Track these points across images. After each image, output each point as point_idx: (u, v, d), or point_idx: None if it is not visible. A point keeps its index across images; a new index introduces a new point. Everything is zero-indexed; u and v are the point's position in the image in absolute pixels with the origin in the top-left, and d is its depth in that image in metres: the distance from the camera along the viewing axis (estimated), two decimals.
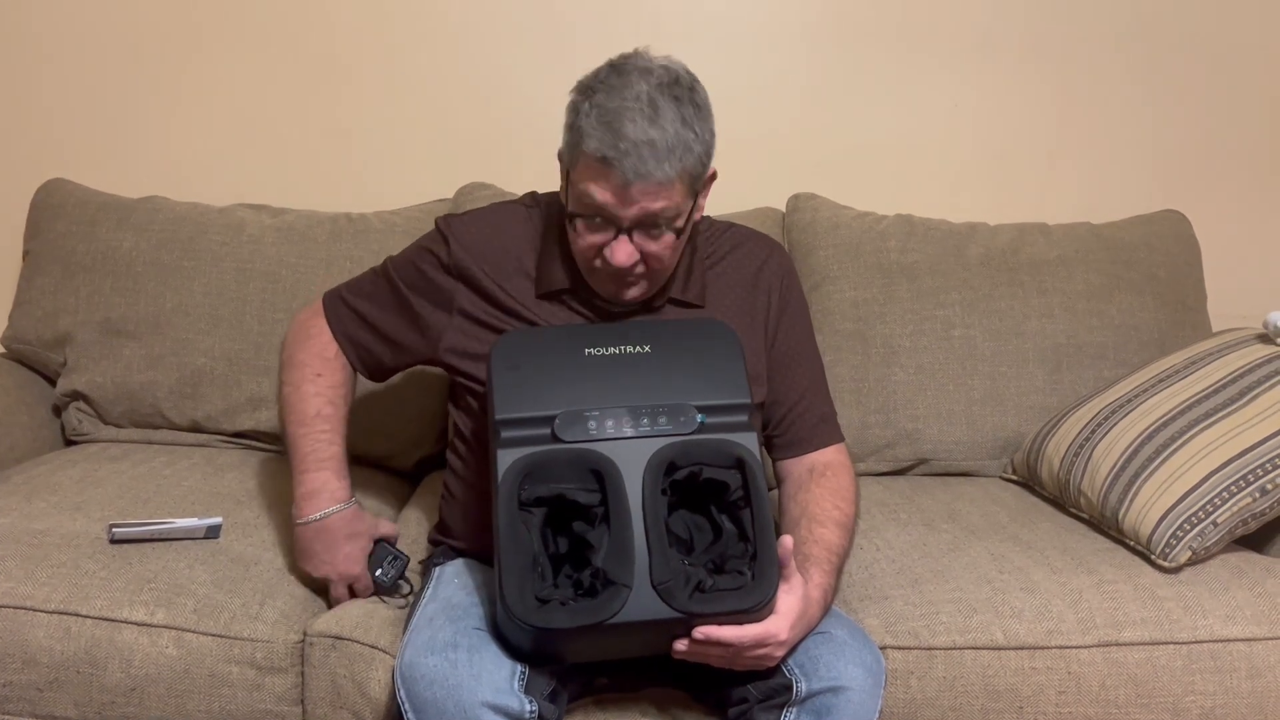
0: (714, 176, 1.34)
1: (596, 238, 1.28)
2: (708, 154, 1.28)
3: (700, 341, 1.26)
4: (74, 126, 2.16)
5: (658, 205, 1.24)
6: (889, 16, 2.15)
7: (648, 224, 1.25)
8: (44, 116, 2.15)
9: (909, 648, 1.36)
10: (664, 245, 1.28)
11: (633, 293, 1.33)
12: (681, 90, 1.24)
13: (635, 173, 1.21)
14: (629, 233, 1.25)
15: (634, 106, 1.21)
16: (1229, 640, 1.38)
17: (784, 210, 2.07)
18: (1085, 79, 2.19)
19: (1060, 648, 1.37)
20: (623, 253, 1.26)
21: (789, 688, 1.16)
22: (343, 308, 1.47)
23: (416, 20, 2.13)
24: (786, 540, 1.16)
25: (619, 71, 1.25)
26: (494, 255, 1.39)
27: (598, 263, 1.30)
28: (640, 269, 1.30)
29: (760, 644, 1.13)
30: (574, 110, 1.26)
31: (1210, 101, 2.20)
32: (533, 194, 1.47)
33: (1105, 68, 2.18)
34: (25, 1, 2.11)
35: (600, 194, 1.23)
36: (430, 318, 1.40)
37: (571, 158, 1.27)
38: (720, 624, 1.12)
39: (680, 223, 1.28)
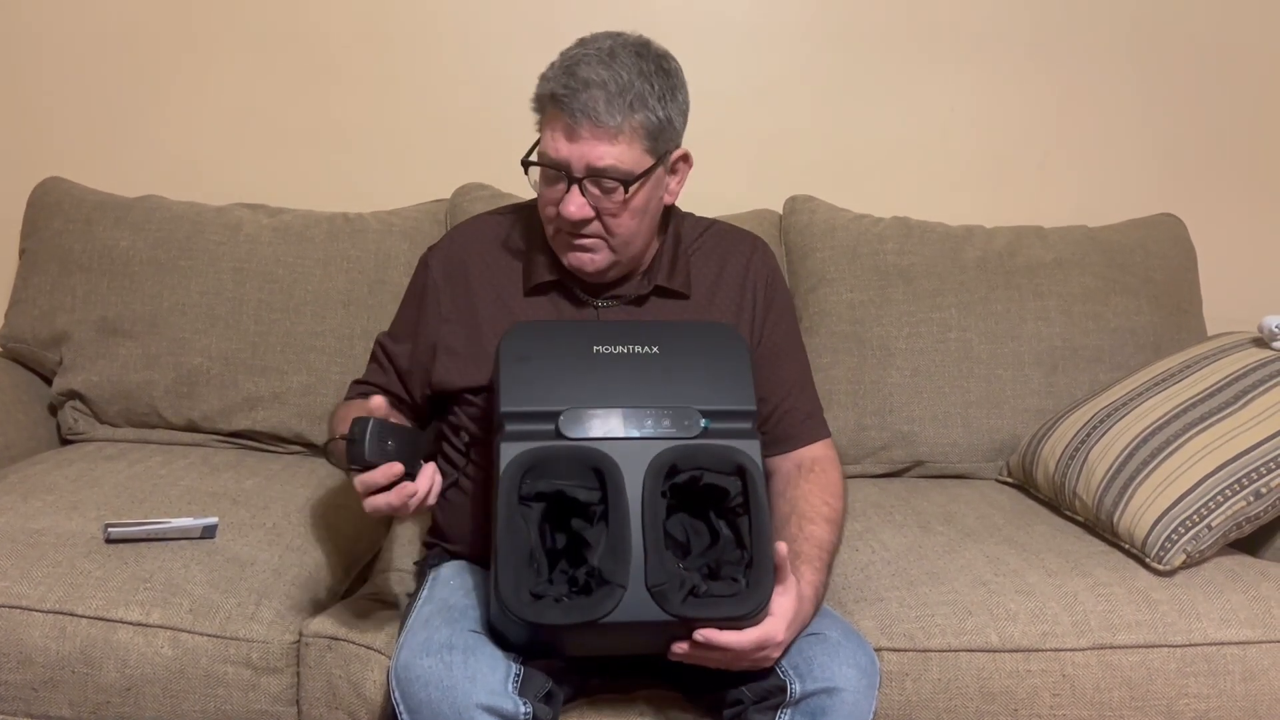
0: (687, 160, 1.36)
1: (553, 193, 1.29)
2: (670, 120, 1.29)
3: (709, 346, 1.26)
4: (71, 125, 2.15)
5: (608, 159, 1.24)
6: (886, 19, 2.16)
7: (595, 177, 1.26)
8: (41, 115, 2.15)
9: (904, 650, 1.36)
10: (618, 204, 1.28)
11: (594, 262, 1.32)
12: (648, 53, 1.28)
13: (584, 113, 1.23)
14: (580, 184, 1.26)
15: (593, 54, 1.25)
16: (1223, 643, 1.39)
17: (781, 212, 2.07)
18: (1082, 82, 2.19)
19: (1055, 650, 1.37)
20: (573, 203, 1.26)
21: (783, 689, 1.16)
22: (360, 385, 1.51)
23: (415, 20, 2.13)
24: (781, 547, 1.16)
25: (585, 38, 1.30)
26: (477, 261, 1.41)
27: (557, 224, 1.31)
28: (596, 228, 1.30)
29: (759, 647, 1.13)
30: (542, 75, 1.30)
31: (1207, 105, 2.21)
32: (511, 205, 1.49)
33: (1102, 71, 2.19)
34: (22, 1, 2.11)
35: (551, 139, 1.26)
36: (419, 368, 1.43)
37: (538, 119, 1.31)
38: (716, 629, 1.12)
39: (637, 186, 1.27)
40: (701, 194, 1.48)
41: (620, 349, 1.24)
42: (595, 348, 1.23)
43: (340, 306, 1.90)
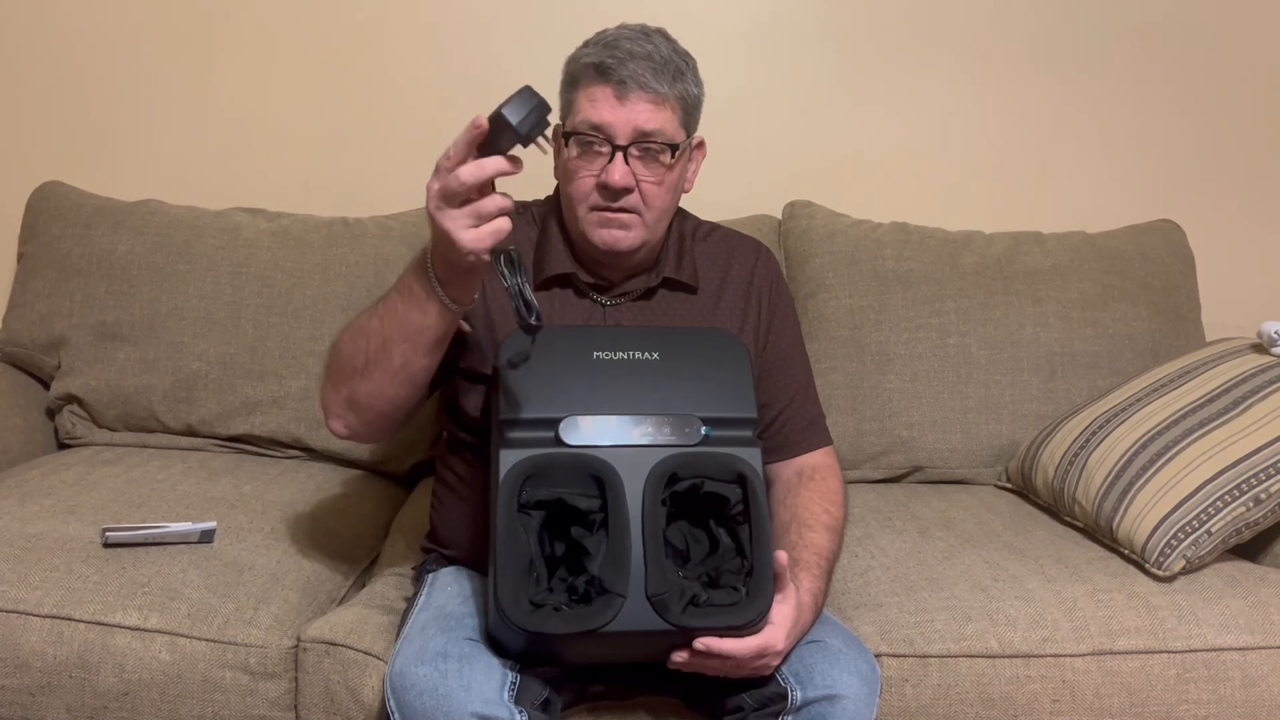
0: (702, 147, 1.39)
1: (594, 166, 1.30)
2: (699, 99, 1.35)
3: (709, 352, 1.26)
4: (70, 129, 2.15)
5: (654, 123, 1.28)
6: (885, 25, 2.16)
7: (643, 143, 1.28)
8: (40, 119, 2.15)
9: (904, 655, 1.36)
10: (660, 173, 1.30)
11: (627, 239, 1.32)
12: (670, 37, 1.34)
13: (634, 80, 1.27)
14: (625, 152, 1.28)
15: (628, 33, 1.31)
16: (1223, 649, 1.39)
17: (780, 218, 2.08)
18: (1081, 88, 2.20)
19: (1055, 656, 1.37)
20: (618, 171, 1.28)
21: (784, 696, 1.16)
22: None
23: (413, 24, 2.13)
24: (781, 555, 1.16)
25: (616, 26, 1.34)
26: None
27: (594, 199, 1.31)
28: (634, 200, 1.30)
29: (759, 655, 1.13)
30: (570, 59, 1.33)
31: (1204, 111, 2.21)
32: (521, 202, 1.48)
33: (1100, 77, 2.19)
34: (21, 4, 2.11)
35: (596, 108, 1.28)
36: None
37: (568, 99, 1.32)
38: (716, 638, 1.12)
39: (674, 156, 1.30)
40: (700, 199, 1.49)
41: (621, 355, 1.23)
42: (595, 354, 1.23)
43: (339, 311, 1.89)
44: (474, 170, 1.06)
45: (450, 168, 1.07)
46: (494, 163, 1.06)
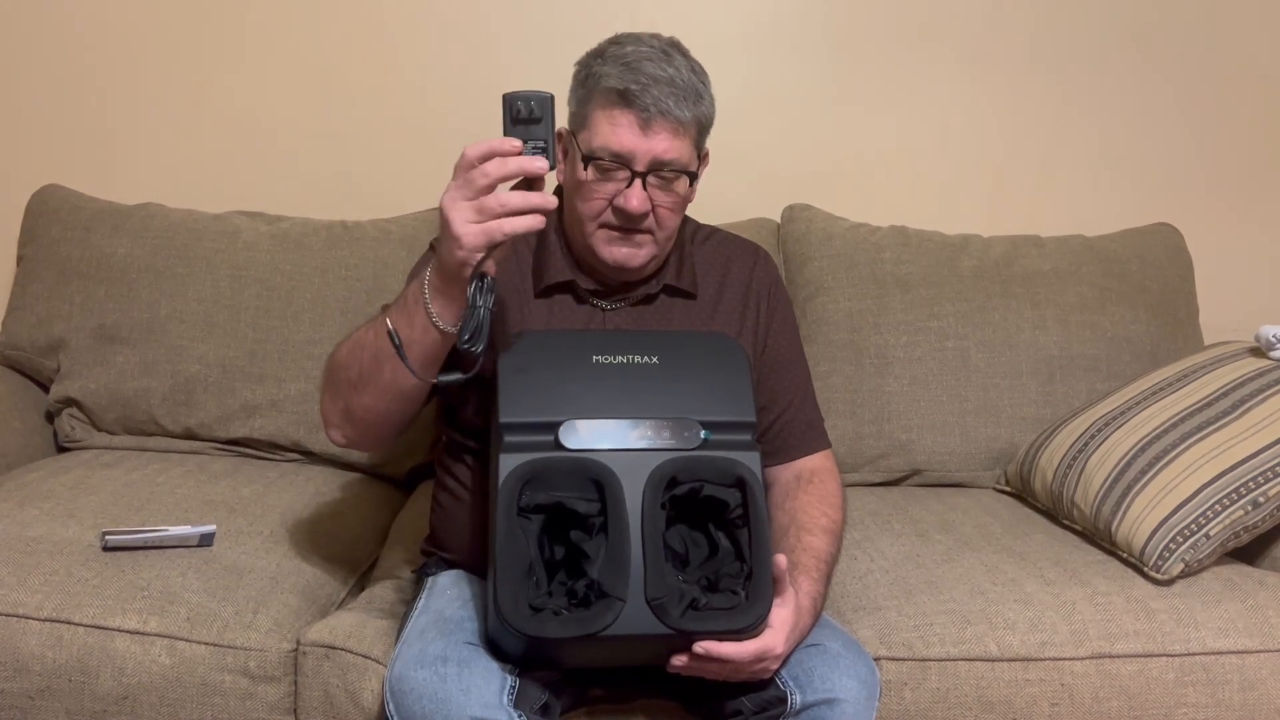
0: (706, 159, 1.38)
1: (609, 188, 1.29)
2: (712, 118, 1.34)
3: (708, 356, 1.26)
4: (69, 133, 2.15)
5: (673, 152, 1.27)
6: (884, 28, 2.16)
7: (660, 169, 1.28)
8: (39, 123, 2.15)
9: (902, 659, 1.36)
10: (676, 198, 1.31)
11: (639, 257, 1.33)
12: (688, 53, 1.33)
13: (657, 107, 1.25)
14: (643, 178, 1.27)
15: (649, 53, 1.28)
16: (1221, 653, 1.39)
17: (779, 221, 2.08)
18: (1079, 92, 2.20)
19: (1053, 659, 1.37)
20: (636, 197, 1.27)
21: (783, 700, 1.16)
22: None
23: (412, 27, 2.13)
24: (780, 559, 1.16)
25: (624, 38, 1.32)
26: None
27: (606, 217, 1.31)
28: (649, 223, 1.31)
29: (758, 659, 1.14)
30: (584, 69, 1.32)
31: (1203, 115, 2.21)
32: None
33: (1099, 81, 2.20)
34: (19, 7, 2.11)
35: (618, 135, 1.26)
36: None
37: (583, 114, 1.31)
38: (715, 641, 1.12)
39: (687, 182, 1.31)
40: (700, 202, 1.48)
41: (620, 359, 1.23)
42: (595, 358, 1.23)
43: (338, 314, 1.90)
44: (498, 166, 1.10)
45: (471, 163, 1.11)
46: (512, 150, 1.10)
